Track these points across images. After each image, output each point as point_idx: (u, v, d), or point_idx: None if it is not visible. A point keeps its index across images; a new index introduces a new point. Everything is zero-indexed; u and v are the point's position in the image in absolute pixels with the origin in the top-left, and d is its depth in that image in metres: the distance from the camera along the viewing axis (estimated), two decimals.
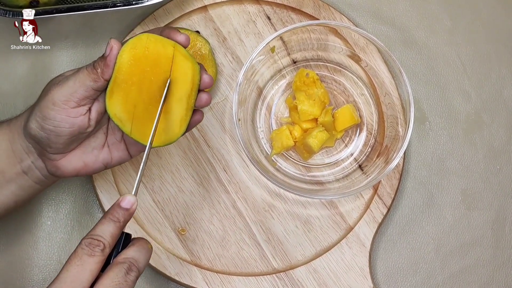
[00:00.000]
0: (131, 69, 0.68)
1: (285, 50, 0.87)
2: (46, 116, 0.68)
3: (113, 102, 0.68)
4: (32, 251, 0.86)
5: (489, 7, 0.92)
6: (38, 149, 0.71)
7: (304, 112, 0.83)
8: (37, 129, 0.69)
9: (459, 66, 0.91)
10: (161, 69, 0.69)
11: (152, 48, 0.68)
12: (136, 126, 0.69)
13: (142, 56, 0.68)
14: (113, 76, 0.68)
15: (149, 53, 0.68)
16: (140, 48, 0.68)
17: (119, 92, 0.68)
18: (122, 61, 0.68)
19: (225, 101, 0.87)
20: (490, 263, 0.87)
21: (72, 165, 0.72)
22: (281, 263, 0.84)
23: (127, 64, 0.68)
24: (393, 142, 0.83)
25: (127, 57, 0.68)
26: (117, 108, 0.69)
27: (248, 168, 0.86)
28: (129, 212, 0.63)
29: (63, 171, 0.72)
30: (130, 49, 0.68)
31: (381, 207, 0.85)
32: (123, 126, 0.69)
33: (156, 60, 0.69)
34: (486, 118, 0.90)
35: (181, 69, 0.69)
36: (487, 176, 0.88)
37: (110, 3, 0.81)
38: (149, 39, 0.68)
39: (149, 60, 0.68)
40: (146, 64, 0.69)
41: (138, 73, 0.68)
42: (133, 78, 0.68)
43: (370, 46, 0.85)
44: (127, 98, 0.69)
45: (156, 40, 0.69)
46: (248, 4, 0.88)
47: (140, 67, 0.68)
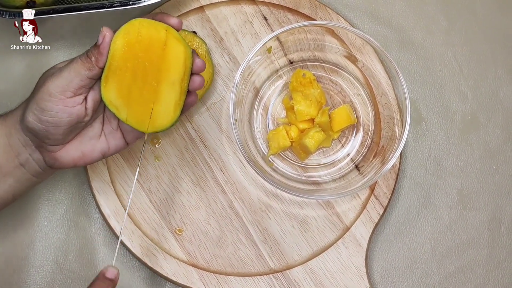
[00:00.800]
0: (124, 55, 0.69)
1: (282, 50, 0.87)
2: (44, 107, 0.68)
3: (108, 89, 0.70)
4: (29, 251, 0.86)
5: (485, 8, 0.92)
6: (36, 141, 0.71)
7: (300, 113, 0.83)
8: (34, 122, 0.69)
9: (455, 66, 0.91)
10: (154, 54, 0.69)
11: (145, 32, 0.69)
12: (131, 112, 0.70)
13: (135, 42, 0.69)
14: (107, 64, 0.69)
15: (142, 38, 0.69)
16: (133, 34, 0.69)
17: (113, 79, 0.69)
18: (115, 48, 0.69)
19: (222, 101, 0.87)
20: (486, 263, 0.87)
21: (70, 156, 0.72)
22: (277, 263, 0.84)
23: (121, 51, 0.69)
24: (390, 142, 0.83)
25: (120, 43, 0.69)
26: (112, 95, 0.70)
27: (245, 169, 0.86)
28: (113, 283, 0.68)
29: (61, 162, 0.72)
30: (123, 35, 0.69)
31: (378, 207, 0.85)
32: (119, 113, 0.70)
33: (149, 44, 0.69)
34: (482, 119, 0.90)
35: (174, 52, 0.70)
36: (483, 176, 0.89)
37: (107, 4, 0.81)
38: (142, 24, 0.69)
39: (142, 45, 0.69)
40: (140, 49, 0.69)
41: (132, 58, 0.69)
42: (127, 64, 0.69)
43: (366, 47, 0.85)
44: (121, 85, 0.69)
45: (149, 24, 0.70)
46: (245, 4, 0.88)
47: (133, 53, 0.69)
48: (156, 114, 0.71)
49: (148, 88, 0.70)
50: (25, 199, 0.86)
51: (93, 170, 0.85)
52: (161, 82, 0.70)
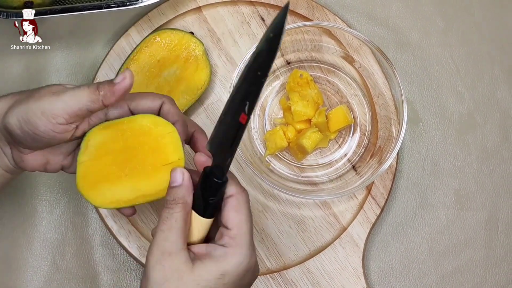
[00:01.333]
0: (104, 144, 0.68)
1: (279, 51, 0.87)
2: (30, 121, 0.64)
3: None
4: (26, 251, 0.86)
5: (482, 9, 0.92)
6: (9, 139, 0.68)
7: (297, 113, 0.83)
8: (15, 127, 0.65)
9: (452, 67, 0.91)
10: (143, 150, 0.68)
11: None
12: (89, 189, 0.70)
13: (118, 128, 0.69)
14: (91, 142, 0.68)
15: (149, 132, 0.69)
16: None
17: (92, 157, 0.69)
18: (97, 138, 0.68)
19: (219, 102, 0.88)
20: (483, 263, 0.87)
21: (36, 161, 0.69)
22: (274, 263, 0.84)
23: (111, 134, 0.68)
24: (387, 142, 0.84)
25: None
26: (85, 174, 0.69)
27: (242, 169, 0.86)
28: (185, 187, 0.64)
29: (26, 164, 0.69)
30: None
31: (375, 208, 0.85)
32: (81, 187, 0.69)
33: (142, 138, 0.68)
34: (479, 119, 0.90)
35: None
36: (480, 176, 0.89)
37: (104, 4, 0.81)
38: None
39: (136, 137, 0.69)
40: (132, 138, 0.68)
41: (111, 145, 0.69)
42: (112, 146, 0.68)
43: (363, 47, 0.85)
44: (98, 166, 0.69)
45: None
46: (242, 5, 0.89)
47: (114, 140, 0.68)
48: None
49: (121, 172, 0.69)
50: (23, 200, 0.86)
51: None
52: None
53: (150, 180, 0.68)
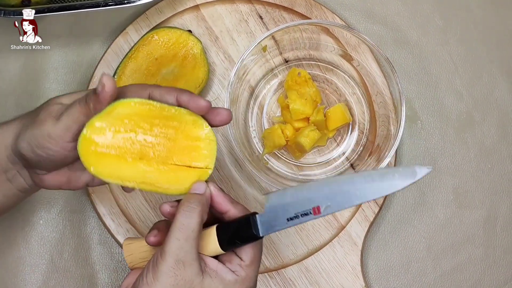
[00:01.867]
0: (132, 116, 0.64)
1: (277, 49, 0.87)
2: (41, 145, 0.66)
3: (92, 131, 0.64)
4: (24, 250, 0.86)
5: (481, 7, 0.92)
6: (25, 163, 0.69)
7: (296, 111, 0.83)
8: (28, 152, 0.67)
9: (450, 65, 0.91)
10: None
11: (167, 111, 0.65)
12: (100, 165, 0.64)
13: (153, 110, 0.64)
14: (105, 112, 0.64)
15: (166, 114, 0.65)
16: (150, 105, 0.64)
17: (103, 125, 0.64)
18: (126, 110, 0.64)
19: (217, 100, 0.87)
20: (482, 261, 0.87)
21: (56, 180, 0.70)
22: (273, 262, 0.84)
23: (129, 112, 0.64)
24: (385, 141, 0.83)
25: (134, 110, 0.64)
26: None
27: (240, 167, 0.86)
28: (205, 197, 0.65)
29: (47, 184, 0.70)
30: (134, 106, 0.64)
31: (373, 206, 0.85)
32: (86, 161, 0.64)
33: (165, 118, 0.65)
34: (477, 117, 0.90)
35: None
36: (479, 174, 0.89)
37: (102, 3, 0.81)
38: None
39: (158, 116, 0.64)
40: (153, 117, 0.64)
41: (139, 121, 0.64)
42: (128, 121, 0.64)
43: (362, 46, 0.85)
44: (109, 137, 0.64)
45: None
46: (240, 3, 0.88)
47: (144, 119, 0.64)
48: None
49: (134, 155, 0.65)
50: None
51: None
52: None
53: (165, 174, 0.64)
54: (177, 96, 0.66)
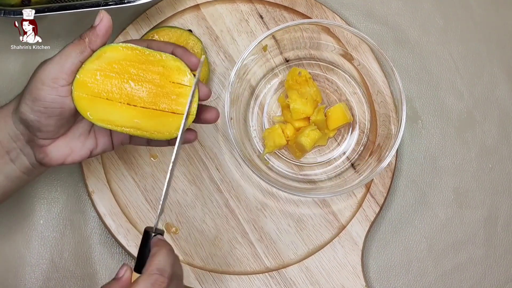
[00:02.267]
0: (120, 61, 0.67)
1: (278, 48, 0.87)
2: (36, 97, 0.67)
3: (84, 76, 0.67)
4: (24, 250, 0.86)
5: (481, 6, 0.92)
6: (27, 134, 0.70)
7: (296, 111, 0.83)
8: (27, 113, 0.68)
9: (451, 64, 0.91)
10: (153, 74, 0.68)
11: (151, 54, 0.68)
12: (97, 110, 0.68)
13: (141, 54, 0.68)
14: (96, 56, 0.67)
15: (147, 56, 0.68)
16: (140, 50, 0.68)
17: (94, 72, 0.67)
18: (115, 54, 0.67)
19: (218, 99, 0.87)
20: (482, 261, 0.87)
21: (60, 152, 0.71)
22: (273, 261, 0.84)
23: (119, 55, 0.67)
24: (386, 140, 0.83)
25: (121, 53, 0.68)
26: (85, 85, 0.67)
27: (241, 167, 0.86)
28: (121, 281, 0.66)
29: (50, 157, 0.71)
30: (127, 47, 0.68)
31: (374, 206, 0.85)
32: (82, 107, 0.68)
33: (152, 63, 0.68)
34: (478, 117, 0.90)
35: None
36: (479, 174, 0.89)
37: (102, 2, 0.81)
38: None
39: (145, 59, 0.68)
40: (141, 61, 0.68)
41: (127, 66, 0.67)
42: (116, 67, 0.67)
43: (362, 45, 0.85)
44: (100, 82, 0.67)
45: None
46: (241, 2, 0.88)
47: (132, 64, 0.68)
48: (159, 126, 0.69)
49: (130, 101, 0.68)
50: (21, 198, 0.86)
51: (89, 169, 0.85)
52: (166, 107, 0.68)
53: (151, 119, 0.68)
54: (173, 49, 0.70)
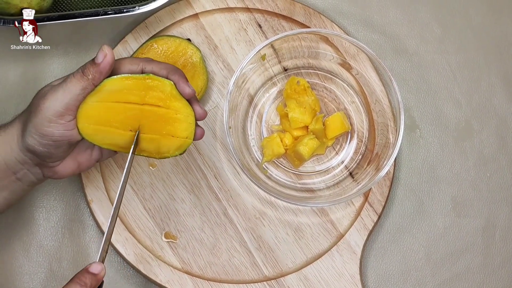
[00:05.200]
0: (120, 91, 0.70)
1: (276, 58, 0.87)
2: (44, 133, 0.68)
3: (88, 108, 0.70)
4: (23, 258, 0.86)
5: (479, 16, 0.92)
6: (36, 160, 0.71)
7: (295, 120, 0.83)
8: (35, 146, 0.69)
9: (449, 74, 0.91)
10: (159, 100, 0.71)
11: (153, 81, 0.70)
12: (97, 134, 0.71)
13: (141, 83, 0.70)
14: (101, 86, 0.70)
15: (149, 83, 0.70)
16: (140, 78, 0.70)
17: (98, 101, 0.70)
18: (114, 87, 0.70)
19: (216, 108, 0.88)
20: (481, 270, 0.87)
21: (68, 168, 0.73)
22: (272, 270, 0.84)
23: (122, 82, 0.70)
24: (384, 149, 0.84)
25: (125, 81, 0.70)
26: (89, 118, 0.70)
27: (239, 176, 0.86)
28: (96, 278, 0.66)
29: (60, 174, 0.73)
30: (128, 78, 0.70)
31: (372, 215, 0.85)
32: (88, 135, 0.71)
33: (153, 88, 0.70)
34: (476, 126, 0.90)
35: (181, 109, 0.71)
36: (477, 183, 0.89)
37: (101, 11, 0.81)
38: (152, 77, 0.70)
39: (146, 86, 0.70)
40: (142, 88, 0.70)
41: (126, 95, 0.70)
42: (120, 96, 0.70)
43: (360, 54, 0.85)
44: (103, 111, 0.70)
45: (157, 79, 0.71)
46: (239, 12, 0.89)
47: (131, 91, 0.70)
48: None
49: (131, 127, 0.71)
50: (20, 207, 0.86)
51: (87, 177, 0.85)
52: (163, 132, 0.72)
53: (152, 142, 0.72)
54: (168, 74, 0.70)
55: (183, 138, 0.72)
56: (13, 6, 0.80)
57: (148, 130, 0.71)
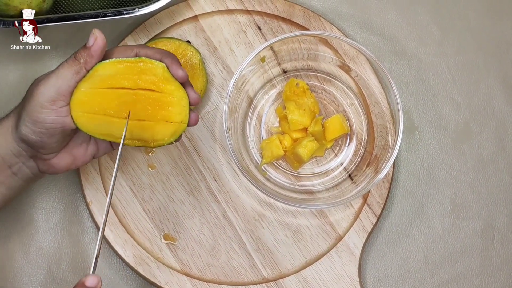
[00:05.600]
0: (113, 76, 0.69)
1: (276, 60, 0.88)
2: (36, 120, 0.68)
3: (79, 95, 0.69)
4: (22, 260, 0.86)
5: (478, 18, 0.92)
6: (31, 151, 0.71)
7: (294, 122, 0.84)
8: (28, 134, 0.69)
9: (448, 76, 0.91)
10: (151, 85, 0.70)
11: (145, 64, 0.70)
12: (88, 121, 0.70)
13: (133, 66, 0.69)
14: (92, 72, 0.69)
15: (142, 66, 0.70)
16: (133, 61, 0.69)
17: (90, 89, 0.69)
18: (107, 71, 0.69)
19: (216, 110, 0.88)
20: (479, 272, 0.87)
21: (63, 162, 0.72)
22: (270, 272, 0.84)
23: (114, 66, 0.69)
24: (383, 151, 0.84)
25: (116, 64, 0.69)
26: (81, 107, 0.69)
27: (238, 178, 0.86)
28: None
29: (55, 168, 0.72)
30: (121, 61, 0.69)
31: (371, 217, 0.85)
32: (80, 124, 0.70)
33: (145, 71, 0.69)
34: (475, 128, 0.90)
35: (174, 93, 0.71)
36: (476, 185, 0.89)
37: (101, 13, 0.81)
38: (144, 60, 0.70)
39: (138, 70, 0.69)
40: (134, 72, 0.69)
41: (120, 80, 0.69)
42: (112, 81, 0.69)
43: (360, 56, 0.86)
44: (96, 98, 0.69)
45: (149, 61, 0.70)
46: (239, 14, 0.89)
47: (124, 76, 0.69)
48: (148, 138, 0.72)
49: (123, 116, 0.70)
50: (19, 208, 0.86)
51: (86, 179, 0.85)
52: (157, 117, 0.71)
53: (147, 129, 0.70)
54: (161, 57, 0.70)
55: (178, 122, 0.70)
56: (12, 8, 0.80)
57: (142, 116, 0.70)
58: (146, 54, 0.70)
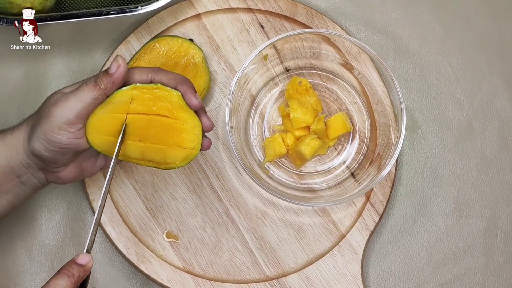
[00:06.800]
0: (129, 101, 0.70)
1: (278, 58, 0.88)
2: (52, 140, 0.68)
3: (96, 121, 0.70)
4: (25, 258, 0.86)
5: (481, 17, 0.92)
6: (41, 164, 0.71)
7: (296, 120, 0.84)
8: (41, 150, 0.69)
9: (451, 74, 0.91)
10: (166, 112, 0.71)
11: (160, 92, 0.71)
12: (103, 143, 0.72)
13: (149, 93, 0.71)
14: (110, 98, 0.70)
15: (157, 94, 0.71)
16: (146, 88, 0.71)
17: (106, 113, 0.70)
18: (124, 98, 0.70)
19: (218, 108, 0.88)
20: (482, 271, 0.87)
21: (72, 174, 0.73)
22: (273, 270, 0.84)
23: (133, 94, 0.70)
24: (385, 150, 0.84)
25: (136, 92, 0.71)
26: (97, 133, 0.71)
27: (241, 176, 0.86)
28: (84, 269, 0.66)
29: (63, 180, 0.73)
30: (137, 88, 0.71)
31: (373, 215, 0.85)
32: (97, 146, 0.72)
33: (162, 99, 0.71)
34: (478, 127, 0.90)
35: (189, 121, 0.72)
36: (479, 184, 0.89)
37: (104, 11, 0.81)
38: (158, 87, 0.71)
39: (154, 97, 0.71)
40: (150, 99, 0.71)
41: (135, 105, 0.71)
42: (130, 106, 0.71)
43: (362, 55, 0.85)
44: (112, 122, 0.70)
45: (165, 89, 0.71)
46: (242, 12, 0.89)
47: (140, 102, 0.70)
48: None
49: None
50: (22, 206, 0.86)
51: (89, 177, 0.85)
52: (170, 142, 0.72)
53: (159, 153, 0.72)
54: (176, 85, 0.70)
55: (190, 149, 0.72)
56: (16, 5, 0.80)
57: (155, 140, 0.71)
58: (161, 79, 0.71)
